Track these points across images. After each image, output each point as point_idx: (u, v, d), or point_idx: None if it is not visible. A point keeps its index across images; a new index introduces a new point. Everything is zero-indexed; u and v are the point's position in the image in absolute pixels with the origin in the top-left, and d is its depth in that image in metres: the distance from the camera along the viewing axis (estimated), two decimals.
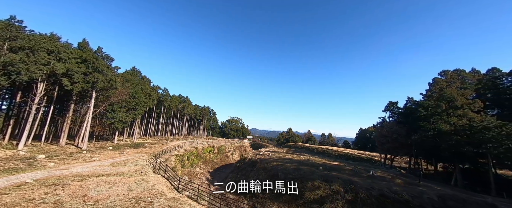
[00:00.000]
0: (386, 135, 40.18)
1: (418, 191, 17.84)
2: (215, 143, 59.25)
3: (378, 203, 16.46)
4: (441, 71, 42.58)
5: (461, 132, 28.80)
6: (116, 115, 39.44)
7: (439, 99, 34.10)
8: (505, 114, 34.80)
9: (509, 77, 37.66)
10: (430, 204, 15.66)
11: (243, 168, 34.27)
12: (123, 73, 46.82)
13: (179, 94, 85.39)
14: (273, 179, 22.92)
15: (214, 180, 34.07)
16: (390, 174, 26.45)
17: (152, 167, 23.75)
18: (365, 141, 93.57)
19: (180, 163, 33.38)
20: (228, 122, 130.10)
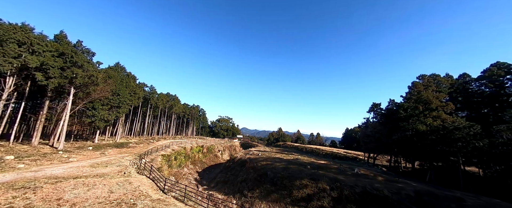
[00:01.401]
0: (370, 134, 42.28)
1: (397, 187, 19.01)
2: (204, 143, 58.21)
3: (361, 200, 17.27)
4: (419, 76, 45.71)
5: (436, 132, 31.19)
6: (97, 113, 37.12)
7: (417, 101, 36.63)
8: (473, 116, 38.36)
9: (476, 82, 41.52)
10: (407, 200, 16.76)
11: (232, 167, 34.06)
12: (106, 69, 44.17)
13: (167, 93, 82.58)
14: (262, 178, 23.12)
15: (203, 180, 33.48)
16: (372, 172, 27.85)
17: (136, 168, 22.73)
18: (350, 141, 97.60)
19: (167, 163, 32.32)
20: (218, 121, 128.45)
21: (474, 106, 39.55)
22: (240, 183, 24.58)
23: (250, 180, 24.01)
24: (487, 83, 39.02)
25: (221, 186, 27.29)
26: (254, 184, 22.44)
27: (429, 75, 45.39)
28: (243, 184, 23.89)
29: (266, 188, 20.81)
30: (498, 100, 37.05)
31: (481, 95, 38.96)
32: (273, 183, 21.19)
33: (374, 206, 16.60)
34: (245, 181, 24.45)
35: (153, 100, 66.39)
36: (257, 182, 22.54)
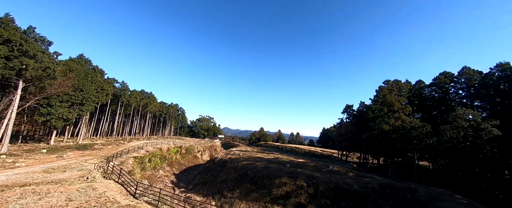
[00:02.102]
0: (343, 134, 45.77)
1: (365, 182, 20.98)
2: (183, 143, 55.54)
3: (334, 194, 18.57)
4: (385, 81, 51.16)
5: (396, 131, 35.33)
6: (53, 111, 32.35)
7: (382, 104, 40.95)
8: (425, 117, 44.48)
9: (429, 88, 48.28)
10: (372, 193, 18.63)
11: (212, 168, 33.25)
12: (66, 61, 38.81)
13: (142, 90, 76.44)
14: (242, 178, 23.11)
15: (180, 182, 31.93)
16: (344, 168, 30.21)
17: (103, 172, 20.54)
18: (327, 139, 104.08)
19: (140, 165, 29.95)
20: (199, 120, 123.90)
21: (427, 108, 45.99)
22: (220, 184, 24.15)
23: (230, 180, 23.77)
24: (436, 89, 45.77)
25: (200, 187, 26.41)
26: (234, 184, 22.29)
27: (392, 81, 51.15)
28: (223, 185, 23.53)
29: (247, 187, 20.87)
30: (444, 104, 43.76)
31: (431, 99, 45.50)
32: (253, 183, 21.37)
33: (345, 199, 18.02)
34: (226, 181, 24.13)
35: (124, 97, 60.70)
36: (238, 182, 22.45)
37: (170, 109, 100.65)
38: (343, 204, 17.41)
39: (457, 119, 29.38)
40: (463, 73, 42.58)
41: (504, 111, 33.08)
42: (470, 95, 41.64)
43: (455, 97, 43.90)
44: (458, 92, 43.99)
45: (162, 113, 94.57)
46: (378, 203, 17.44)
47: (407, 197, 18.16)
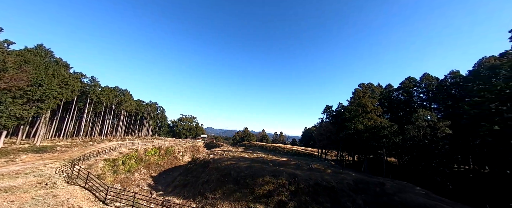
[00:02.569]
0: (323, 133, 48.25)
1: (341, 178, 22.46)
2: (162, 144, 52.58)
3: (313, 191, 19.51)
4: (360, 84, 55.40)
5: (369, 131, 38.56)
6: (3, 108, 27.82)
7: (357, 105, 44.28)
8: (393, 117, 49.35)
9: (396, 91, 53.60)
10: (347, 188, 20.06)
11: (194, 169, 32.16)
12: (21, 52, 33.66)
13: (115, 86, 70.26)
14: (225, 178, 22.83)
15: (158, 185, 30.21)
16: (323, 166, 31.91)
17: (66, 177, 18.39)
18: (308, 139, 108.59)
19: (111, 168, 27.54)
20: (180, 120, 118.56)
21: (394, 109, 51.11)
22: (201, 185, 23.50)
23: (212, 181, 23.29)
24: (402, 93, 51.16)
25: (179, 190, 25.33)
26: (216, 185, 21.90)
27: (366, 84, 55.66)
28: (204, 186, 22.94)
29: (229, 188, 20.68)
30: (409, 106, 49.14)
31: (398, 101, 50.71)
32: (236, 182, 21.28)
33: (323, 195, 19.07)
34: (207, 182, 23.57)
35: (94, 94, 55.04)
36: (220, 183, 22.12)
37: (148, 108, 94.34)
38: (321, 199, 18.40)
39: (418, 120, 33.25)
40: (424, 79, 48.34)
41: (455, 112, 38.50)
42: (429, 99, 47.49)
43: (417, 100, 49.63)
44: (420, 96, 49.83)
45: (138, 112, 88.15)
46: (352, 197, 18.85)
47: (376, 191, 19.98)
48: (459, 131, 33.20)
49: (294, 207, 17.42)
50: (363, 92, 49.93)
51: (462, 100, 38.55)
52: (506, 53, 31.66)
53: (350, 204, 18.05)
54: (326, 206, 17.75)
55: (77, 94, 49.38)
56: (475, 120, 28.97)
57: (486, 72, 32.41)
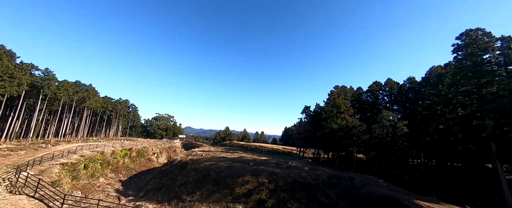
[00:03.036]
0: (301, 132, 50.60)
1: (316, 174, 23.91)
2: (134, 145, 48.40)
3: (291, 188, 20.37)
4: (335, 86, 59.61)
5: (342, 130, 41.87)
6: None
7: (332, 106, 47.63)
8: (363, 118, 54.39)
9: (365, 94, 59.16)
10: (322, 183, 21.48)
11: (170, 171, 30.45)
12: None
13: (76, 81, 62.03)
14: (204, 179, 22.22)
15: (128, 190, 27.79)
16: (301, 164, 33.49)
17: (9, 185, 15.63)
18: (288, 138, 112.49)
19: (70, 174, 24.38)
20: (155, 119, 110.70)
21: (363, 110, 56.43)
22: (178, 188, 22.42)
23: (190, 183, 22.42)
24: (370, 95, 56.81)
25: (153, 194, 23.75)
26: (195, 187, 21.17)
27: (340, 86, 60.21)
28: (181, 188, 21.95)
29: (208, 189, 20.21)
30: (375, 107, 54.79)
31: (367, 103, 56.15)
32: (216, 183, 20.92)
33: (300, 191, 20.05)
34: (185, 184, 22.60)
35: (49, 89, 47.69)
36: (199, 184, 21.45)
37: (117, 105, 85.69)
38: (298, 196, 19.33)
39: (382, 120, 37.38)
40: (387, 83, 54.48)
41: (411, 113, 44.36)
42: (391, 101, 53.72)
43: (382, 102, 55.70)
44: (384, 98, 56.01)
45: (106, 110, 79.46)
46: (326, 191, 20.26)
47: (347, 185, 21.87)
48: (414, 129, 38.41)
49: (272, 204, 17.93)
50: (337, 94, 53.88)
51: (417, 103, 44.67)
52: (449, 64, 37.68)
53: (324, 199, 19.39)
54: (302, 202, 18.72)
55: (26, 89, 42.12)
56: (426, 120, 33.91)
57: (435, 79, 38.10)
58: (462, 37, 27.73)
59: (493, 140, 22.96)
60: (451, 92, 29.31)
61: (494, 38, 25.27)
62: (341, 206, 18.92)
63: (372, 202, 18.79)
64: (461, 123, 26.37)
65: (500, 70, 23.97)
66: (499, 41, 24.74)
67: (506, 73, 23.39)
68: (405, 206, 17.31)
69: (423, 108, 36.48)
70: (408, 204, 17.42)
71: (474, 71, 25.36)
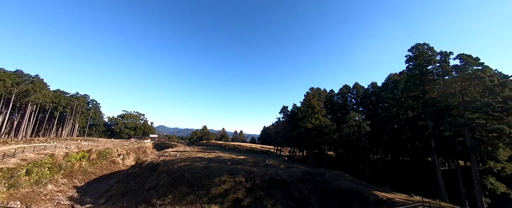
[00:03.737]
0: (279, 131, 52.30)
1: (292, 171, 25.09)
2: (94, 146, 42.77)
3: (268, 185, 20.93)
4: (310, 88, 63.28)
5: (316, 129, 44.81)
6: None
7: (308, 106, 50.55)
8: (334, 118, 59.15)
9: (336, 96, 64.40)
10: (296, 180, 22.65)
11: (138, 174, 27.95)
12: None
13: (17, 70, 51.67)
14: (178, 181, 21.08)
15: (86, 197, 24.53)
16: (278, 162, 34.66)
17: None
18: (266, 137, 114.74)
19: (7, 181, 20.39)
20: (122, 117, 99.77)
21: (335, 111, 61.42)
22: (147, 191, 20.76)
23: (162, 185, 21.00)
24: (341, 97, 62.18)
25: (117, 199, 21.51)
26: (167, 189, 19.92)
27: (315, 88, 64.29)
28: (152, 192, 20.39)
29: (182, 191, 19.27)
30: (345, 108, 60.20)
31: (338, 104, 61.30)
32: (191, 184, 20.09)
33: (276, 188, 20.76)
34: (155, 187, 21.05)
35: None
36: (171, 187, 20.26)
37: (73, 101, 74.44)
38: (274, 193, 20.00)
39: (350, 120, 41.35)
40: (355, 87, 60.46)
41: (373, 114, 50.20)
42: (357, 103, 59.79)
43: (350, 104, 61.55)
44: (352, 101, 62.00)
45: (58, 106, 68.25)
46: (299, 187, 21.45)
47: (318, 180, 23.56)
48: (375, 128, 43.59)
49: (249, 203, 18.14)
50: (312, 95, 57.37)
51: (378, 105, 50.77)
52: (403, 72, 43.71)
53: (297, 194, 20.50)
54: (278, 198, 19.44)
55: None
56: (384, 120, 38.76)
57: (391, 85, 43.77)
58: (412, 49, 32.62)
59: (433, 137, 27.73)
60: (403, 96, 34.24)
61: (435, 52, 30.44)
62: (313, 200, 20.30)
63: (339, 195, 20.69)
64: (410, 123, 31.04)
65: (439, 79, 29.02)
66: (438, 55, 29.91)
67: (443, 82, 28.45)
68: (366, 197, 19.57)
69: (382, 110, 41.69)
70: (368, 195, 19.73)
71: (420, 79, 30.15)
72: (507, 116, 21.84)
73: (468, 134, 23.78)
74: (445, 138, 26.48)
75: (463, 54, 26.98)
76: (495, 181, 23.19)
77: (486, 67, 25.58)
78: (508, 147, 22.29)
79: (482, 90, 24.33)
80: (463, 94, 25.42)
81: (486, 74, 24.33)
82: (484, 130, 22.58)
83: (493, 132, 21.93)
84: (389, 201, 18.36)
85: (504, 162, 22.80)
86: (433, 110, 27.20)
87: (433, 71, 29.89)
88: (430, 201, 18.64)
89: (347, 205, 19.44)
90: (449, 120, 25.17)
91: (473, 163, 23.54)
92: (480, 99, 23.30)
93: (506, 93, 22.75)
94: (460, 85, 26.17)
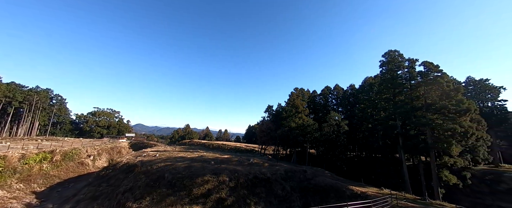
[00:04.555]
0: (264, 130, 52.86)
1: (275, 169, 25.64)
2: (59, 146, 38.32)
3: (252, 184, 21.08)
4: (295, 88, 65.21)
5: (299, 128, 46.38)
6: None
7: (292, 106, 52.02)
8: (316, 117, 61.84)
9: (318, 97, 67.39)
10: (280, 177, 23.23)
11: (111, 176, 25.82)
12: None
13: None
14: (157, 182, 20.05)
15: (47, 203, 21.96)
16: (262, 160, 35.08)
17: None
18: (251, 136, 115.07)
19: None
20: (93, 115, 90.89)
21: (317, 111, 64.25)
22: (122, 195, 19.34)
23: (139, 187, 19.74)
24: (322, 98, 65.26)
25: (86, 204, 19.67)
26: (144, 192, 18.79)
27: (299, 88, 66.43)
28: (127, 195, 19.05)
29: (161, 192, 18.37)
30: (326, 108, 63.32)
31: (320, 105, 64.21)
32: (171, 185, 19.26)
33: (260, 186, 21.02)
34: (131, 189, 19.71)
35: None
36: (150, 188, 19.17)
37: (32, 96, 65.55)
38: (258, 191, 20.23)
39: (330, 119, 43.67)
40: (335, 89, 63.96)
41: (351, 114, 53.72)
42: (338, 104, 63.39)
43: (331, 104, 64.97)
44: (333, 101, 65.51)
45: (13, 101, 59.46)
46: (282, 184, 22.05)
47: (300, 177, 24.48)
48: (352, 128, 46.76)
49: (232, 201, 18.07)
50: (296, 95, 59.14)
51: (355, 106, 54.46)
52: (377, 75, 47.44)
53: (280, 191, 21.06)
54: (261, 196, 19.72)
55: None
56: (360, 120, 41.78)
57: (367, 87, 47.24)
58: (385, 55, 35.70)
59: (400, 135, 30.78)
60: (377, 98, 37.34)
61: (404, 59, 33.77)
62: (295, 197, 21.05)
63: (319, 191, 21.79)
64: (382, 123, 34.00)
65: (407, 83, 32.27)
66: (407, 62, 33.25)
67: (410, 86, 31.71)
68: (343, 191, 20.95)
69: (358, 110, 44.88)
70: (344, 190, 21.14)
71: (392, 83, 33.17)
72: (459, 117, 25.25)
73: (429, 132, 26.95)
74: (411, 136, 29.61)
75: (427, 61, 30.39)
76: (448, 174, 26.70)
77: (444, 74, 29.19)
78: (460, 144, 25.84)
79: (441, 94, 27.73)
80: (426, 97, 28.69)
81: (444, 80, 27.77)
82: (441, 129, 25.81)
83: (448, 131, 25.18)
84: (362, 195, 19.92)
85: (456, 157, 26.37)
86: (402, 111, 30.18)
87: (402, 76, 33.11)
88: (397, 193, 20.73)
89: (326, 200, 20.59)
90: (414, 120, 28.20)
91: (432, 158, 26.78)
92: (439, 102, 26.55)
93: (459, 97, 26.29)
94: (423, 89, 29.47)
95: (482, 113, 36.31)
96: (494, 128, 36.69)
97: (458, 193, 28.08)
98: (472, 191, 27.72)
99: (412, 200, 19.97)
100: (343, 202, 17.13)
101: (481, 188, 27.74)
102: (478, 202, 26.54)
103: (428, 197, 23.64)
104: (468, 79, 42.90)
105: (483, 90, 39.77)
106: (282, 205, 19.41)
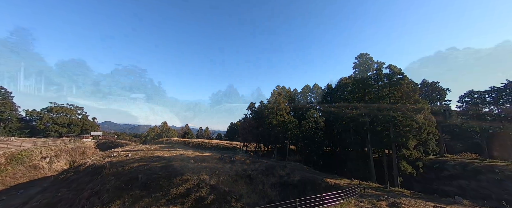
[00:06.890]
0: (246, 127, 53.07)
1: (257, 166, 26.16)
2: (3, 147, 32.72)
3: (233, 181, 21.19)
4: (277, 86, 66.68)
5: (280, 125, 47.77)
6: None
7: (274, 103, 53.17)
8: (296, 115, 64.33)
9: (299, 95, 70.18)
10: (261, 173, 23.80)
11: (73, 180, 23.20)
12: None
13: None
14: (129, 184, 18.73)
15: None
16: (244, 157, 35.34)
17: None
18: (233, 133, 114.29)
19: None
20: (49, 111, 79.08)
21: (297, 109, 66.89)
22: (86, 200, 17.62)
23: (107, 190, 18.20)
24: (303, 96, 68.15)
25: None
26: (114, 195, 17.41)
27: (281, 87, 68.15)
28: (92, 200, 17.42)
29: (134, 195, 17.26)
30: (306, 106, 66.35)
31: (299, 102, 66.95)
32: (146, 187, 18.22)
33: (241, 183, 21.27)
34: (98, 193, 18.08)
35: None
36: (120, 191, 17.84)
37: None
38: (239, 187, 20.44)
39: (309, 117, 45.98)
40: (314, 87, 67.37)
41: (328, 112, 57.31)
42: (316, 102, 66.97)
43: (310, 102, 68.34)
44: (312, 99, 68.96)
45: None
46: (263, 180, 22.65)
47: (280, 173, 25.45)
48: (329, 124, 50.06)
49: (213, 200, 17.96)
50: (278, 93, 60.53)
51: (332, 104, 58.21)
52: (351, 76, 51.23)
53: (261, 187, 21.63)
54: (242, 193, 19.98)
55: None
56: (336, 117, 44.88)
57: (342, 87, 50.75)
58: (358, 58, 38.87)
59: (369, 131, 34.14)
60: (350, 97, 40.58)
61: (374, 62, 37.25)
62: (275, 191, 21.86)
63: (297, 185, 22.99)
64: (354, 120, 37.19)
65: (375, 84, 35.73)
66: (375, 64, 36.75)
67: (377, 86, 35.19)
68: (318, 184, 22.49)
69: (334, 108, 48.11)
70: (320, 182, 22.72)
71: (362, 83, 36.34)
72: (415, 115, 29.10)
73: (392, 128, 30.49)
74: (377, 131, 33.07)
75: (391, 65, 34.04)
76: (406, 164, 30.72)
77: (405, 77, 33.14)
78: (415, 138, 29.85)
79: (402, 95, 31.49)
80: (390, 97, 32.26)
81: (405, 82, 31.54)
82: (402, 125, 29.44)
83: (407, 127, 28.87)
84: (336, 186, 21.69)
85: (412, 150, 30.44)
86: (370, 109, 33.43)
87: (372, 77, 36.54)
88: (364, 183, 23.10)
89: (304, 192, 21.87)
90: (380, 117, 31.54)
91: (394, 151, 30.45)
92: (400, 102, 30.14)
93: (416, 98, 30.24)
94: (388, 90, 33.05)
95: (433, 111, 42.46)
96: (441, 124, 43.33)
97: (412, 181, 32.61)
98: (423, 178, 32.47)
99: (376, 188, 22.52)
100: (319, 193, 18.46)
101: (430, 175, 32.68)
102: (427, 187, 31.24)
103: (389, 185, 26.95)
104: (423, 82, 49.60)
105: (433, 91, 46.44)
106: (262, 201, 19.99)
